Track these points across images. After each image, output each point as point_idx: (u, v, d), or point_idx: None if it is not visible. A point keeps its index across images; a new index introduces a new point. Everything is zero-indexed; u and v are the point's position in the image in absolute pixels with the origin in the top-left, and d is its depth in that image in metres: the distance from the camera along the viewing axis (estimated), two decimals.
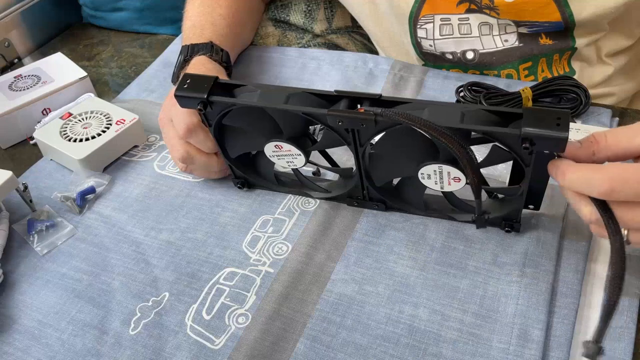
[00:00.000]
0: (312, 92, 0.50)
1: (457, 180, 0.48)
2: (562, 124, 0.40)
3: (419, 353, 0.45)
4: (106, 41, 0.94)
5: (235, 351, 0.47)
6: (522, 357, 0.43)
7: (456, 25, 0.68)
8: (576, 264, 0.49)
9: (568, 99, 0.62)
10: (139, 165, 0.67)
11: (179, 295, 0.52)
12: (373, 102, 0.48)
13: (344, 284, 0.51)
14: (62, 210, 0.62)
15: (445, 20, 0.68)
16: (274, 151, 0.53)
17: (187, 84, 0.51)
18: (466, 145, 0.43)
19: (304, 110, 0.48)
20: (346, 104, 0.49)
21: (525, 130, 0.41)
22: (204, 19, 0.73)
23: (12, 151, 0.73)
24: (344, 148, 0.51)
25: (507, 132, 0.42)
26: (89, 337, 0.50)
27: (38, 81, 0.75)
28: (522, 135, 0.41)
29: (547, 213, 0.53)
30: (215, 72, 0.66)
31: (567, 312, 0.46)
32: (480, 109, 0.45)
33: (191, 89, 0.51)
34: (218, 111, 0.51)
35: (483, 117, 0.44)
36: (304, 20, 0.83)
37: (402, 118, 0.43)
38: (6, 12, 0.90)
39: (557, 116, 0.40)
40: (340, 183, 0.58)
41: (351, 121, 0.47)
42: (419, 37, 0.70)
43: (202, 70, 0.64)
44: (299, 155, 0.53)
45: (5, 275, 0.56)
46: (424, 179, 0.49)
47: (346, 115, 0.47)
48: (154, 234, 0.58)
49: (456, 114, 0.44)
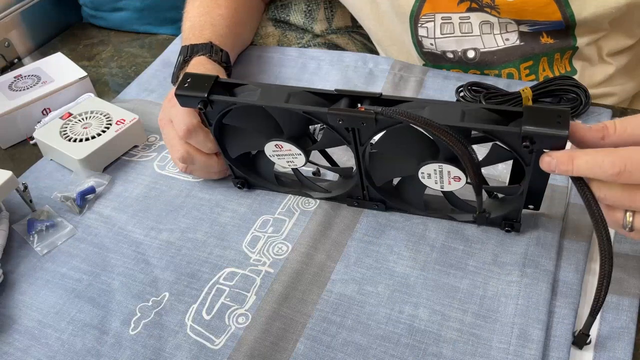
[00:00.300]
0: (312, 91, 0.50)
1: (457, 179, 0.48)
2: (563, 122, 0.40)
3: (419, 353, 0.45)
4: (106, 41, 0.94)
5: (235, 351, 0.47)
6: (522, 357, 0.43)
7: (457, 24, 0.68)
8: (576, 264, 0.49)
9: (568, 99, 0.62)
10: (139, 165, 0.67)
11: (179, 295, 0.52)
12: (373, 100, 0.48)
13: (344, 284, 0.51)
14: (62, 210, 0.62)
15: (446, 19, 0.68)
16: (274, 151, 0.53)
17: (188, 83, 0.51)
18: (467, 143, 0.43)
19: (305, 109, 0.48)
20: (346, 102, 0.49)
21: (526, 129, 0.41)
22: (204, 19, 0.73)
23: (12, 151, 0.73)
24: (344, 148, 0.51)
25: (507, 131, 0.42)
26: (89, 337, 0.50)
27: (38, 81, 0.75)
28: (523, 133, 0.41)
29: (547, 213, 0.53)
30: (215, 72, 0.66)
31: (567, 312, 0.46)
32: (481, 107, 0.45)
33: (192, 88, 0.51)
34: (219, 110, 0.51)
35: (483, 115, 0.44)
36: (304, 20, 0.83)
37: (402, 116, 0.43)
38: (6, 12, 0.90)
39: (558, 114, 0.40)
40: (340, 183, 0.58)
41: (351, 120, 0.47)
42: (420, 35, 0.70)
43: (202, 70, 0.64)
44: (299, 154, 0.53)
45: (5, 275, 0.56)
46: (424, 178, 0.49)
47: (346, 113, 0.47)
48: (154, 234, 0.58)
49: (456, 112, 0.44)
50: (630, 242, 0.50)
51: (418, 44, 0.72)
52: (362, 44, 0.86)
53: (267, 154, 0.54)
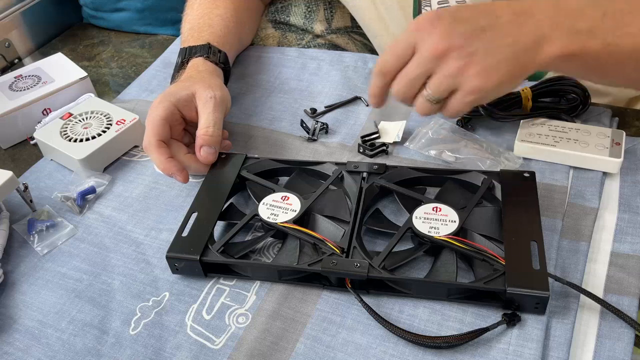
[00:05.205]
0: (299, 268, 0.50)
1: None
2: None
3: (418, 353, 0.45)
4: (106, 41, 0.94)
5: (236, 351, 0.47)
6: (522, 357, 0.43)
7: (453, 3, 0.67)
8: (576, 264, 0.49)
9: (568, 99, 0.62)
10: (139, 165, 0.67)
11: (179, 295, 0.52)
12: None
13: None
14: (62, 210, 0.62)
15: (442, 3, 0.67)
16: (274, 200, 0.55)
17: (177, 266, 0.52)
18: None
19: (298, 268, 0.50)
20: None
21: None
22: (202, 21, 0.73)
23: (12, 151, 0.73)
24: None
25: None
26: (89, 337, 0.50)
27: (38, 81, 0.76)
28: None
29: (547, 213, 0.53)
30: (212, 73, 0.66)
31: (567, 312, 0.46)
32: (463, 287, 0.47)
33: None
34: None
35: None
36: (304, 21, 0.83)
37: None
38: (6, 12, 0.90)
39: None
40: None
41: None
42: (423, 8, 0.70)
43: (199, 72, 0.65)
44: (294, 211, 0.53)
45: (6, 275, 0.56)
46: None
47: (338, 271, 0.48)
48: (154, 234, 0.58)
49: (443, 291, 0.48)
50: (630, 242, 0.50)
51: None
52: (362, 44, 0.86)
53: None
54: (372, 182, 0.55)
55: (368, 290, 0.49)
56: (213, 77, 0.65)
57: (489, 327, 0.45)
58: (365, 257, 0.48)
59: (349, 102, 0.71)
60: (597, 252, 0.50)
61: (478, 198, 0.52)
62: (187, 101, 0.60)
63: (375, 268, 0.47)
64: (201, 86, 0.61)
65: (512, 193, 0.52)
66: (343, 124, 0.68)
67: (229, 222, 0.56)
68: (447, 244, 0.48)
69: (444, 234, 0.49)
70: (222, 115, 0.61)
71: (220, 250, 0.51)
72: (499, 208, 0.52)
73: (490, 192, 0.54)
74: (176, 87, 0.62)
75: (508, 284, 0.44)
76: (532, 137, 0.59)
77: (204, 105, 0.59)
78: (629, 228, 0.52)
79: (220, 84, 0.65)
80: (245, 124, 0.70)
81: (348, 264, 0.48)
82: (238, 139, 0.67)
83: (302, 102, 0.72)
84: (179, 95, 0.60)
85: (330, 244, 0.50)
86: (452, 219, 0.50)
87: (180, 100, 0.60)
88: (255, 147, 0.67)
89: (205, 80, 0.63)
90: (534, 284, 0.44)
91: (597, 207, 0.54)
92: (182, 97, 0.60)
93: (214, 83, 0.63)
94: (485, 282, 0.45)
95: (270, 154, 0.65)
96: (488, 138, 0.63)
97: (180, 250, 0.51)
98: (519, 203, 0.51)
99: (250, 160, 0.60)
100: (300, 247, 0.51)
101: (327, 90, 0.73)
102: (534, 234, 0.48)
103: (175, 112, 0.60)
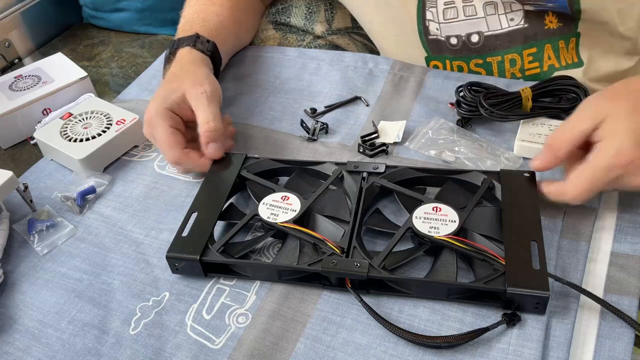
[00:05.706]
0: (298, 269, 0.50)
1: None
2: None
3: (418, 353, 0.45)
4: (106, 41, 0.94)
5: (236, 351, 0.47)
6: (522, 357, 0.43)
7: (460, 8, 0.67)
8: (576, 264, 0.49)
9: (568, 99, 0.62)
10: (139, 165, 0.67)
11: (179, 295, 0.52)
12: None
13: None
14: (62, 210, 0.62)
15: (448, 4, 0.68)
16: (274, 200, 0.55)
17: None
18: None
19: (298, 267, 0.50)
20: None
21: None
22: (197, 16, 0.74)
23: (12, 151, 0.73)
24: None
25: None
26: (89, 337, 0.50)
27: (38, 81, 0.76)
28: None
29: (547, 213, 0.53)
30: (199, 61, 0.66)
31: (567, 312, 0.46)
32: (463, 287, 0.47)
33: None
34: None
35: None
36: (304, 22, 0.83)
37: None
38: (6, 12, 0.91)
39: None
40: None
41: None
42: (427, 20, 0.70)
43: (185, 60, 0.65)
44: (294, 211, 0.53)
45: (6, 275, 0.56)
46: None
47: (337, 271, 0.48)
48: (154, 234, 0.58)
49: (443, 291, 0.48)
50: (630, 242, 0.50)
51: (424, 30, 0.71)
52: (363, 44, 0.86)
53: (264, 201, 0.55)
54: (372, 182, 0.55)
55: (368, 290, 0.49)
56: (199, 67, 0.65)
57: (489, 327, 0.45)
58: (365, 257, 0.48)
59: (349, 102, 0.71)
60: (597, 252, 0.50)
61: (478, 198, 0.52)
62: (180, 103, 0.61)
63: (375, 268, 0.47)
64: (189, 84, 0.61)
65: (512, 193, 0.52)
66: (343, 124, 0.68)
67: (229, 222, 0.56)
68: (447, 243, 0.48)
69: (444, 234, 0.49)
70: (217, 107, 0.61)
71: (220, 250, 0.51)
72: (499, 208, 0.52)
73: (490, 192, 0.54)
74: (164, 90, 0.62)
75: (508, 284, 0.44)
76: (532, 137, 0.59)
77: (197, 102, 0.60)
78: (629, 228, 0.52)
79: (206, 73, 0.64)
80: (245, 124, 0.70)
81: (348, 263, 0.48)
82: (238, 139, 0.67)
83: (302, 102, 0.72)
84: (170, 100, 0.60)
85: (330, 244, 0.50)
86: (452, 219, 0.50)
87: (173, 104, 0.60)
88: (255, 147, 0.67)
89: (190, 76, 0.63)
90: (534, 284, 0.44)
91: (597, 207, 0.54)
92: (174, 101, 0.60)
93: (200, 75, 0.63)
94: (485, 282, 0.45)
95: (270, 153, 0.65)
96: (488, 138, 0.63)
97: (180, 250, 0.51)
98: (519, 203, 0.51)
99: (250, 160, 0.61)
100: (300, 247, 0.51)
101: (327, 90, 0.73)
102: (534, 234, 0.48)
103: (174, 117, 0.60)
